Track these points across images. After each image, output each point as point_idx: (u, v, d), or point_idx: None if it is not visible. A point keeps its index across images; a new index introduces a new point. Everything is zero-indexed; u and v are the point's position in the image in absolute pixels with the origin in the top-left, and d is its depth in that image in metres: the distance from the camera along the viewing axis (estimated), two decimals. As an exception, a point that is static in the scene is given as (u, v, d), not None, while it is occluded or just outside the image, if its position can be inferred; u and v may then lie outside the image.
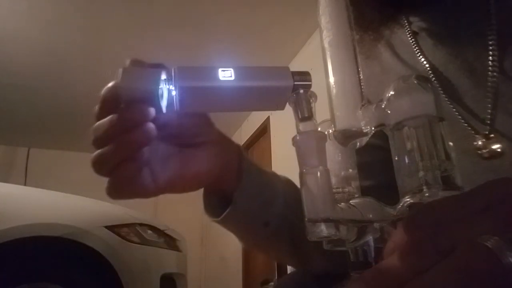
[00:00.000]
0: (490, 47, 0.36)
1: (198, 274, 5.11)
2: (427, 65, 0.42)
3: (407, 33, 0.45)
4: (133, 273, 1.78)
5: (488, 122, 0.36)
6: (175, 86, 0.29)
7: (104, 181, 0.31)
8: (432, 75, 0.41)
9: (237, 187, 0.40)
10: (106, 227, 1.76)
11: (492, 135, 0.36)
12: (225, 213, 0.40)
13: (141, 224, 1.97)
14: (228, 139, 0.40)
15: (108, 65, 3.38)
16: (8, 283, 1.53)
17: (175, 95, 0.29)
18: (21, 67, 3.39)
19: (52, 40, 3.04)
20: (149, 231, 2.00)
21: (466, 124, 0.38)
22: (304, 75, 0.30)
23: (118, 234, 1.79)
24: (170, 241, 2.15)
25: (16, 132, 4.58)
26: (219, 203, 0.41)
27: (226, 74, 0.29)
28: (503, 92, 0.36)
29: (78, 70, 3.44)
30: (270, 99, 0.31)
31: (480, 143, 0.36)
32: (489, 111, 0.36)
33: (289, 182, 0.46)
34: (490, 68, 0.36)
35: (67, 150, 4.99)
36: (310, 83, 0.30)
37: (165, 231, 2.15)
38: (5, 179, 3.38)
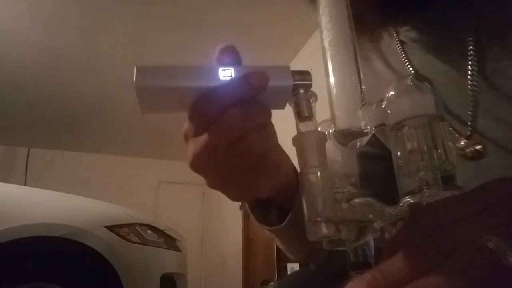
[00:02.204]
0: (469, 52, 0.38)
1: (198, 274, 5.11)
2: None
3: (396, 42, 0.46)
4: (133, 273, 1.79)
5: (469, 123, 0.38)
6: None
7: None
8: None
9: (295, 191, 0.40)
10: (106, 227, 1.77)
11: (474, 136, 0.38)
12: (287, 219, 0.40)
13: (141, 224, 1.97)
14: None
15: (108, 65, 3.39)
16: (8, 283, 1.53)
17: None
18: (21, 67, 3.39)
19: (52, 40, 3.04)
20: (149, 231, 2.00)
21: (450, 128, 0.40)
22: (304, 75, 0.30)
23: (118, 234, 1.79)
24: (170, 241, 2.15)
25: (16, 132, 4.58)
26: (260, 212, 0.42)
27: (226, 74, 0.28)
28: (483, 96, 0.38)
29: (78, 70, 3.44)
30: (270, 99, 0.31)
31: (462, 143, 0.38)
32: (470, 113, 0.38)
33: None
34: (469, 72, 0.38)
35: (67, 150, 4.99)
36: (310, 82, 0.30)
37: (165, 231, 2.16)
38: (5, 179, 3.38)
